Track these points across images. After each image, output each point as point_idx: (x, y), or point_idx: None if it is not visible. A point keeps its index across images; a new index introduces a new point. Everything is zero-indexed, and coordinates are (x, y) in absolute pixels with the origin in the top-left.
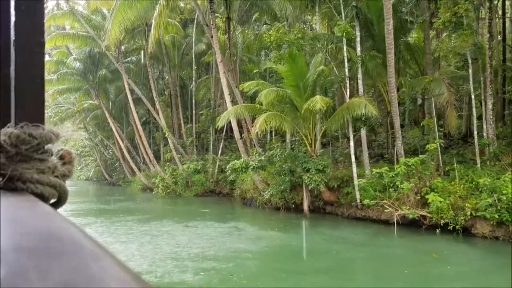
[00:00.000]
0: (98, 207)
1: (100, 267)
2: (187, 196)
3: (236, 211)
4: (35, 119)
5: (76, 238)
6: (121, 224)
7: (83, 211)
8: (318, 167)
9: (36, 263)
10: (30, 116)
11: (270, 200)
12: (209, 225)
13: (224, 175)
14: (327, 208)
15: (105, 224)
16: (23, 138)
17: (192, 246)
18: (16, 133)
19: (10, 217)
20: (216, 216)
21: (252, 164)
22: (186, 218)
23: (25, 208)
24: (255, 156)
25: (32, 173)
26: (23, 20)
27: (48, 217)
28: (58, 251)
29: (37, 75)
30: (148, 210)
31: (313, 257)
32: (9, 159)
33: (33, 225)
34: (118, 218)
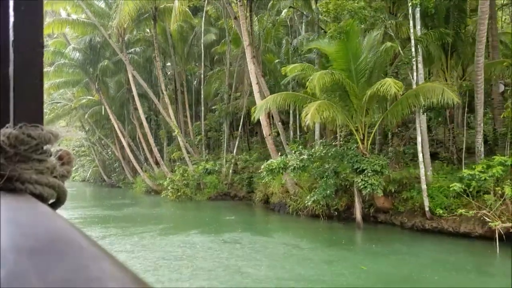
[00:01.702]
0: (102, 213)
1: (99, 267)
2: (199, 200)
3: (267, 219)
4: (34, 120)
5: (75, 239)
6: (140, 238)
7: (87, 219)
8: (375, 167)
9: (35, 264)
10: (29, 116)
11: (305, 206)
12: (251, 239)
13: (240, 176)
14: (379, 216)
15: (121, 238)
16: (21, 139)
17: (262, 277)
18: (15, 134)
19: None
20: (249, 226)
21: (293, 163)
22: (216, 229)
23: (24, 209)
24: (295, 155)
25: (30, 174)
26: (22, 20)
27: (47, 217)
28: (57, 252)
29: (36, 76)
30: (164, 217)
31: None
32: (8, 160)
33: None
34: (133, 229)
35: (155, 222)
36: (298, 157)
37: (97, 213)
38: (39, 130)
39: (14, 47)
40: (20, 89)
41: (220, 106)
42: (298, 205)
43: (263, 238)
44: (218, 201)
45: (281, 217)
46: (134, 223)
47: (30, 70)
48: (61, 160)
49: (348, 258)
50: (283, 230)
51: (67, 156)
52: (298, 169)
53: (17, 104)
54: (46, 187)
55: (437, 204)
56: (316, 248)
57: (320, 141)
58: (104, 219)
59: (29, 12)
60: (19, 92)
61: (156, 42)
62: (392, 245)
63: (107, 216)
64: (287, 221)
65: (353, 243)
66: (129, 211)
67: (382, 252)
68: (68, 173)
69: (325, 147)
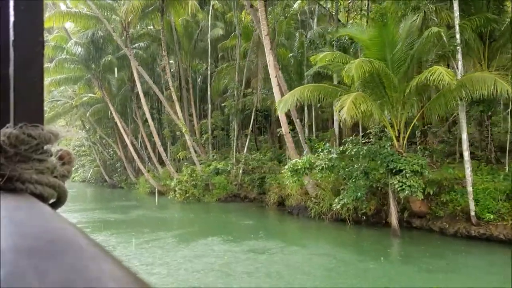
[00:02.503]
0: (108, 217)
1: (99, 267)
2: (208, 202)
3: (289, 224)
4: (34, 119)
5: (75, 239)
6: (160, 246)
7: (93, 224)
8: (414, 167)
9: (35, 264)
10: (29, 116)
11: (329, 209)
12: (282, 249)
13: (251, 176)
14: (414, 221)
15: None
16: (22, 139)
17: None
18: (15, 134)
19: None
20: (272, 233)
21: (320, 163)
22: (237, 235)
23: (24, 209)
24: (323, 154)
25: (31, 174)
26: (22, 19)
27: (47, 217)
28: (57, 252)
29: (36, 75)
30: (176, 221)
31: None
32: (8, 160)
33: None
34: (148, 236)
35: (168, 227)
36: (327, 156)
37: (102, 217)
38: (39, 130)
39: (14, 46)
40: (21, 89)
41: (230, 102)
42: (320, 208)
43: (295, 248)
44: (227, 203)
45: (302, 222)
46: (146, 228)
47: (31, 70)
48: (62, 160)
49: (407, 274)
50: (312, 237)
51: (67, 156)
52: (326, 170)
53: (17, 103)
54: (46, 187)
55: (484, 207)
56: (364, 261)
57: (350, 138)
58: (112, 224)
59: (30, 11)
60: (19, 91)
61: (163, 35)
62: (445, 256)
63: (114, 220)
64: (311, 227)
65: (400, 254)
66: (136, 214)
67: (441, 267)
68: (68, 173)
69: (355, 145)
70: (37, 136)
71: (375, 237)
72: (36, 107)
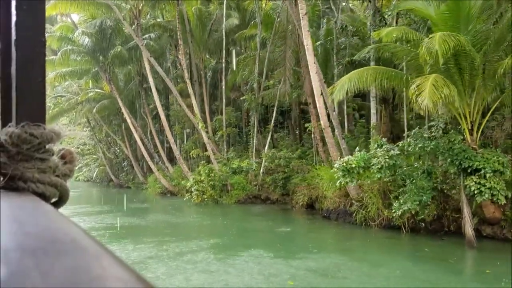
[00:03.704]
0: (123, 222)
1: (101, 266)
2: (227, 204)
3: (333, 231)
4: (36, 119)
5: (77, 238)
6: (195, 262)
7: (107, 229)
8: (496, 166)
9: (37, 263)
10: (31, 115)
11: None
12: (349, 266)
13: (273, 176)
14: (485, 229)
15: (174, 264)
16: (24, 138)
17: None
18: (17, 133)
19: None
20: (321, 243)
21: (379, 161)
22: (282, 247)
23: (27, 208)
24: (380, 151)
25: (33, 173)
26: (24, 19)
27: (49, 216)
28: (59, 251)
29: (38, 75)
30: (202, 227)
31: None
32: (11, 159)
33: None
34: (176, 246)
35: (196, 235)
36: (387, 153)
37: (116, 222)
38: (41, 129)
39: (16, 46)
40: (23, 88)
41: (250, 96)
42: (367, 213)
43: (368, 267)
44: (248, 205)
45: (347, 229)
46: (170, 237)
47: (32, 69)
48: (64, 159)
49: None
50: (375, 250)
51: (69, 155)
52: (386, 169)
53: (20, 103)
54: (48, 186)
55: None
56: None
57: (413, 131)
58: (129, 231)
59: (31, 11)
60: (21, 91)
61: (179, 22)
62: None
63: (130, 226)
64: (362, 236)
65: (503, 274)
66: (153, 219)
67: None
68: (70, 172)
69: (420, 139)
70: (39, 135)
71: (449, 249)
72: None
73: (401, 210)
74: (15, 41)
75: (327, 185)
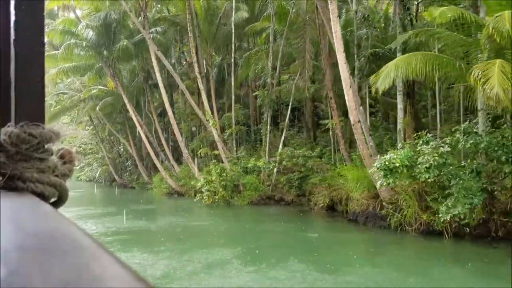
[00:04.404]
0: (133, 226)
1: (101, 266)
2: (239, 205)
3: (368, 238)
4: (35, 118)
5: (76, 237)
6: (228, 276)
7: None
8: None
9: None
10: (30, 115)
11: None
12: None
13: (287, 176)
14: None
15: (207, 279)
16: (23, 137)
17: None
18: (16, 132)
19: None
20: (361, 253)
21: (428, 160)
22: (320, 257)
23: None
24: (427, 148)
25: (32, 172)
26: (23, 19)
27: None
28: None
29: (37, 74)
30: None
31: None
32: (9, 158)
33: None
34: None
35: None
36: (436, 150)
37: (125, 226)
38: (40, 128)
39: (15, 46)
40: (22, 88)
41: (263, 92)
42: (402, 217)
43: (430, 283)
44: (261, 206)
45: (381, 234)
46: (189, 243)
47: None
48: (63, 159)
49: None
50: (426, 260)
51: (68, 155)
52: (435, 168)
53: (19, 103)
54: (47, 185)
55: None
56: None
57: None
58: (141, 237)
59: (30, 11)
60: (20, 91)
61: (189, 13)
62: None
63: (141, 230)
64: (403, 243)
65: None
66: (165, 222)
67: None
68: (69, 172)
69: (471, 135)
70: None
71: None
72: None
73: (450, 215)
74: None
75: (354, 185)
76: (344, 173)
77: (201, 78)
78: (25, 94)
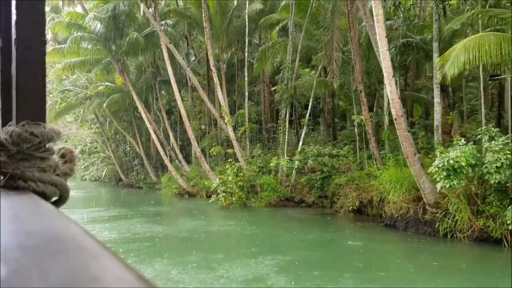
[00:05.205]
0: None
1: (101, 265)
2: (256, 207)
3: (420, 248)
4: (36, 118)
5: (77, 237)
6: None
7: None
8: None
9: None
10: (31, 114)
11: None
12: None
13: (308, 176)
14: None
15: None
16: (24, 137)
17: None
18: (18, 132)
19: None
20: (428, 268)
21: (499, 158)
22: (391, 277)
23: (27, 207)
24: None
25: (33, 172)
26: (24, 18)
27: (50, 215)
28: (59, 250)
29: (39, 74)
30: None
31: None
32: (11, 158)
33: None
34: (239, 271)
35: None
36: (506, 148)
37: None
38: (41, 128)
39: (17, 45)
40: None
41: (281, 86)
42: (453, 222)
43: None
44: (280, 208)
45: (430, 242)
46: (220, 252)
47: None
48: (64, 158)
49: None
50: (506, 276)
51: (69, 154)
52: (507, 167)
53: (20, 102)
54: (48, 185)
55: None
56: None
57: None
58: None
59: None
60: (21, 90)
61: (205, 3)
62: None
63: (159, 235)
64: (460, 252)
65: None
66: (184, 226)
67: None
68: (71, 171)
69: None
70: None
71: None
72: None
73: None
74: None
75: (391, 187)
76: (379, 173)
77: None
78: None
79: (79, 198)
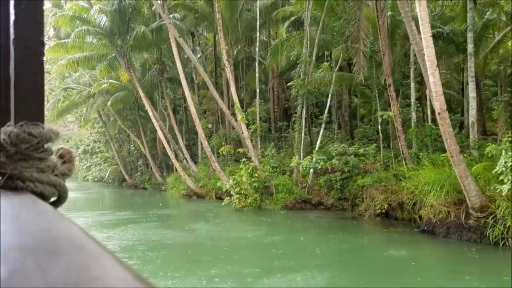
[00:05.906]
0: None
1: (100, 266)
2: (272, 210)
3: (477, 258)
4: (35, 118)
5: (76, 237)
6: None
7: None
8: None
9: (36, 262)
10: (30, 114)
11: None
12: None
13: (327, 177)
14: None
15: None
16: (22, 137)
17: None
18: (16, 132)
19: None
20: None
21: None
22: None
23: (25, 207)
24: None
25: (31, 172)
26: (22, 18)
27: (48, 216)
28: (58, 250)
29: (37, 74)
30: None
31: None
32: (9, 158)
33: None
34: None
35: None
36: None
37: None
38: (40, 128)
39: (15, 45)
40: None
41: (298, 81)
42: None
43: None
44: (297, 211)
45: (484, 252)
46: (249, 266)
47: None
48: (62, 159)
49: None
50: None
51: (68, 155)
52: None
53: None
54: (47, 185)
55: None
56: None
57: None
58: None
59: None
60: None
61: None
62: None
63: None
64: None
65: None
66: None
67: None
68: (69, 172)
69: None
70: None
71: None
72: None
73: None
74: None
75: (429, 189)
76: (412, 174)
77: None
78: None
79: (83, 199)
